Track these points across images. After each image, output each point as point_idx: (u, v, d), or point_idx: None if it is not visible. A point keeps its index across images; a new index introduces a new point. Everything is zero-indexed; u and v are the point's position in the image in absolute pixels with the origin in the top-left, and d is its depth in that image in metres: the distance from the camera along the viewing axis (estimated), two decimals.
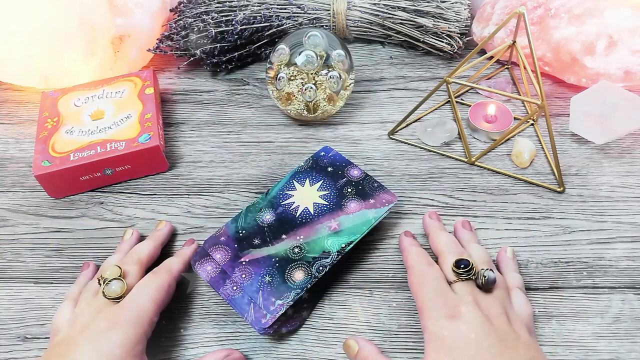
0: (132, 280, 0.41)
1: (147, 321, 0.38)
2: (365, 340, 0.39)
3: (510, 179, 0.52)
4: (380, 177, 0.53)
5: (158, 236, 0.47)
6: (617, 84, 0.54)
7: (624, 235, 0.47)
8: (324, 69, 0.55)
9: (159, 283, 0.41)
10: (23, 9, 0.57)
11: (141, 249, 0.45)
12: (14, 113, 0.62)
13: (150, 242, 0.46)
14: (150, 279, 0.41)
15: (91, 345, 0.36)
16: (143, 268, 0.43)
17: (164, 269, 0.42)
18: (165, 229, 0.48)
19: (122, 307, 0.38)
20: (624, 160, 0.53)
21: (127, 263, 0.43)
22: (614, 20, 0.54)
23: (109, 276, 0.40)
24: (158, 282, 0.41)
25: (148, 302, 0.39)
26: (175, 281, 0.43)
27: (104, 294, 0.39)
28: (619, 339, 0.41)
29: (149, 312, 0.39)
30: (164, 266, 0.43)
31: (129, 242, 0.47)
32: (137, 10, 0.62)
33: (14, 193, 0.54)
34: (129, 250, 0.45)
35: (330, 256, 0.43)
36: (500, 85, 0.61)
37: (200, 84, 0.65)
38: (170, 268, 0.43)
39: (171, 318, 0.44)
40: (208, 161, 0.56)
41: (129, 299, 0.39)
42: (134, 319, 0.38)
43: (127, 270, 0.41)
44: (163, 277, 0.41)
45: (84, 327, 0.37)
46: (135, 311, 0.38)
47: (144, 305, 0.39)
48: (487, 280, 0.37)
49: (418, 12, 0.63)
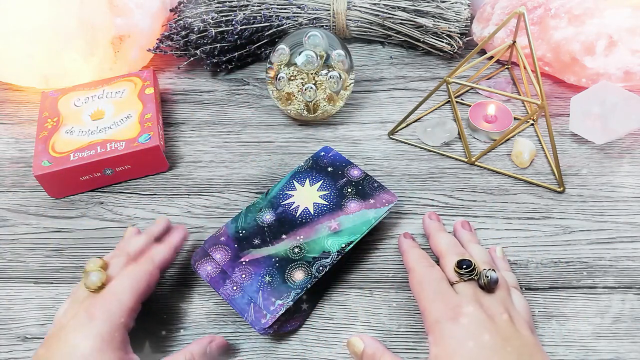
0: (115, 271, 0.40)
1: (125, 311, 0.37)
2: (370, 338, 0.39)
3: (510, 179, 0.52)
4: (380, 177, 0.53)
5: (152, 230, 0.45)
6: (617, 84, 0.54)
7: (624, 235, 0.47)
8: (324, 69, 0.55)
9: (138, 272, 0.40)
10: (23, 9, 0.57)
11: (131, 242, 0.43)
12: (14, 113, 0.62)
13: (143, 236, 0.44)
14: (130, 269, 0.40)
15: (68, 339, 0.35)
16: (130, 260, 0.41)
17: (146, 257, 0.41)
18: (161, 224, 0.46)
19: (99, 298, 0.38)
20: (624, 160, 0.53)
21: (115, 256, 0.42)
22: (614, 20, 0.54)
23: (90, 269, 0.39)
24: (137, 271, 0.40)
25: (126, 292, 0.38)
26: (158, 270, 0.41)
27: (85, 285, 0.38)
28: (619, 339, 0.41)
29: (128, 303, 0.38)
30: (147, 254, 0.42)
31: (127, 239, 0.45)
32: (137, 10, 0.62)
33: (14, 193, 0.54)
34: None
35: (330, 256, 0.43)
36: (500, 85, 0.61)
37: (200, 84, 0.65)
38: (152, 256, 0.42)
39: (171, 318, 0.44)
40: (208, 161, 0.56)
41: (107, 290, 0.38)
42: (112, 310, 0.37)
43: (112, 262, 0.40)
44: (143, 266, 0.40)
45: (66, 323, 0.37)
46: (112, 302, 0.37)
47: (121, 296, 0.38)
48: (490, 280, 0.37)
49: (418, 12, 0.63)
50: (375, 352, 0.38)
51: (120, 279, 0.39)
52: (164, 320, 0.43)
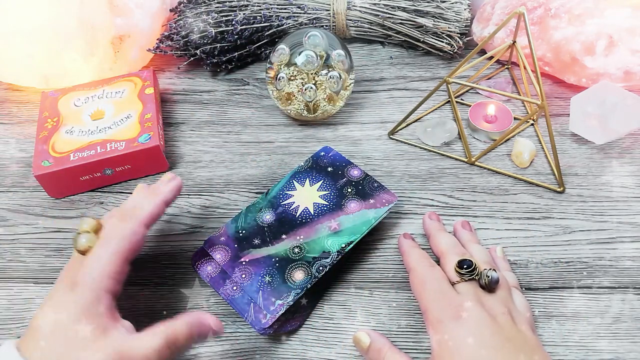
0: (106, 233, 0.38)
1: (106, 276, 0.35)
2: (376, 333, 0.39)
3: (510, 179, 0.52)
4: (380, 177, 0.53)
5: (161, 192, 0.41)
6: (617, 84, 0.54)
7: (624, 235, 0.47)
8: (324, 69, 0.55)
9: (120, 232, 0.37)
10: (23, 9, 0.57)
11: (129, 200, 0.41)
12: (14, 113, 0.62)
13: (141, 193, 0.41)
14: (113, 227, 0.37)
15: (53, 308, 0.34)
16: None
17: (131, 214, 0.39)
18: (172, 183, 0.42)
19: (82, 263, 0.36)
20: (624, 160, 0.53)
21: (111, 216, 0.39)
22: (614, 20, 0.54)
23: (82, 229, 0.37)
24: (120, 230, 0.37)
25: (106, 254, 0.36)
26: (143, 227, 0.38)
27: (75, 248, 0.37)
28: (619, 339, 0.41)
29: (108, 267, 0.35)
30: (132, 210, 0.39)
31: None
32: (137, 11, 0.62)
33: (14, 193, 0.54)
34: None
35: (330, 256, 0.43)
36: (500, 85, 0.61)
37: (200, 84, 0.65)
38: (137, 212, 0.39)
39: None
40: (208, 161, 0.56)
41: (90, 254, 0.36)
42: (92, 275, 0.35)
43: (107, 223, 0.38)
44: (127, 225, 0.38)
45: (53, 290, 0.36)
46: (92, 267, 0.35)
47: (102, 259, 0.36)
48: (491, 280, 0.37)
49: (418, 12, 0.63)
50: (382, 347, 0.38)
51: (102, 241, 0.37)
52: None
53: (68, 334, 0.33)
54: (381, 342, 0.38)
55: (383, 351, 0.37)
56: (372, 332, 0.39)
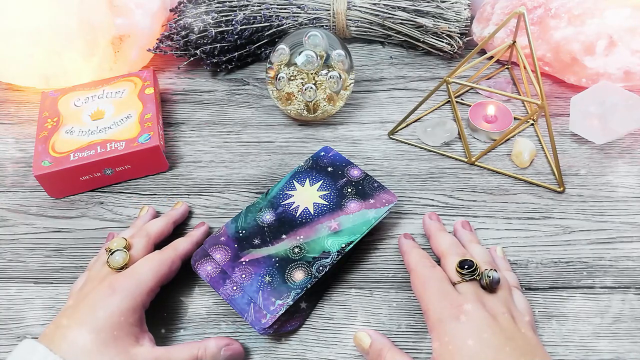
0: (137, 252, 0.42)
1: (146, 291, 0.39)
2: (377, 333, 0.39)
3: (510, 179, 0.52)
4: (380, 177, 0.53)
5: (172, 214, 0.48)
6: (617, 84, 0.54)
7: (624, 235, 0.47)
8: (324, 69, 0.55)
9: (162, 257, 0.42)
10: (23, 9, 0.57)
11: (152, 225, 0.46)
12: (14, 113, 0.62)
13: (163, 219, 0.47)
14: (155, 253, 0.42)
15: (89, 311, 0.37)
16: (151, 242, 0.44)
17: (170, 246, 0.44)
18: (181, 208, 0.50)
19: (123, 275, 0.40)
20: (624, 160, 0.53)
21: (136, 236, 0.44)
22: (614, 20, 0.54)
23: (115, 247, 0.41)
24: (162, 256, 0.42)
25: (149, 273, 0.40)
26: (179, 259, 0.43)
27: (108, 263, 0.40)
28: (619, 339, 0.41)
29: (149, 283, 0.40)
30: (171, 244, 0.44)
31: (144, 218, 0.48)
32: (137, 11, 0.61)
33: (14, 193, 0.54)
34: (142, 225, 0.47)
35: (330, 256, 0.43)
36: (500, 85, 0.61)
37: (200, 84, 0.65)
38: (176, 246, 0.44)
39: (171, 317, 0.44)
40: (208, 161, 0.56)
41: (131, 269, 0.40)
42: (133, 287, 0.39)
43: (134, 242, 0.43)
44: (167, 253, 0.43)
45: (86, 295, 0.38)
46: (135, 280, 0.39)
47: (144, 276, 0.40)
48: (492, 280, 0.37)
49: (418, 12, 0.63)
50: (383, 347, 0.38)
51: (144, 261, 0.41)
52: (164, 320, 0.43)
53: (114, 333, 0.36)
54: (382, 342, 0.38)
55: (384, 351, 0.38)
56: (373, 332, 0.39)
